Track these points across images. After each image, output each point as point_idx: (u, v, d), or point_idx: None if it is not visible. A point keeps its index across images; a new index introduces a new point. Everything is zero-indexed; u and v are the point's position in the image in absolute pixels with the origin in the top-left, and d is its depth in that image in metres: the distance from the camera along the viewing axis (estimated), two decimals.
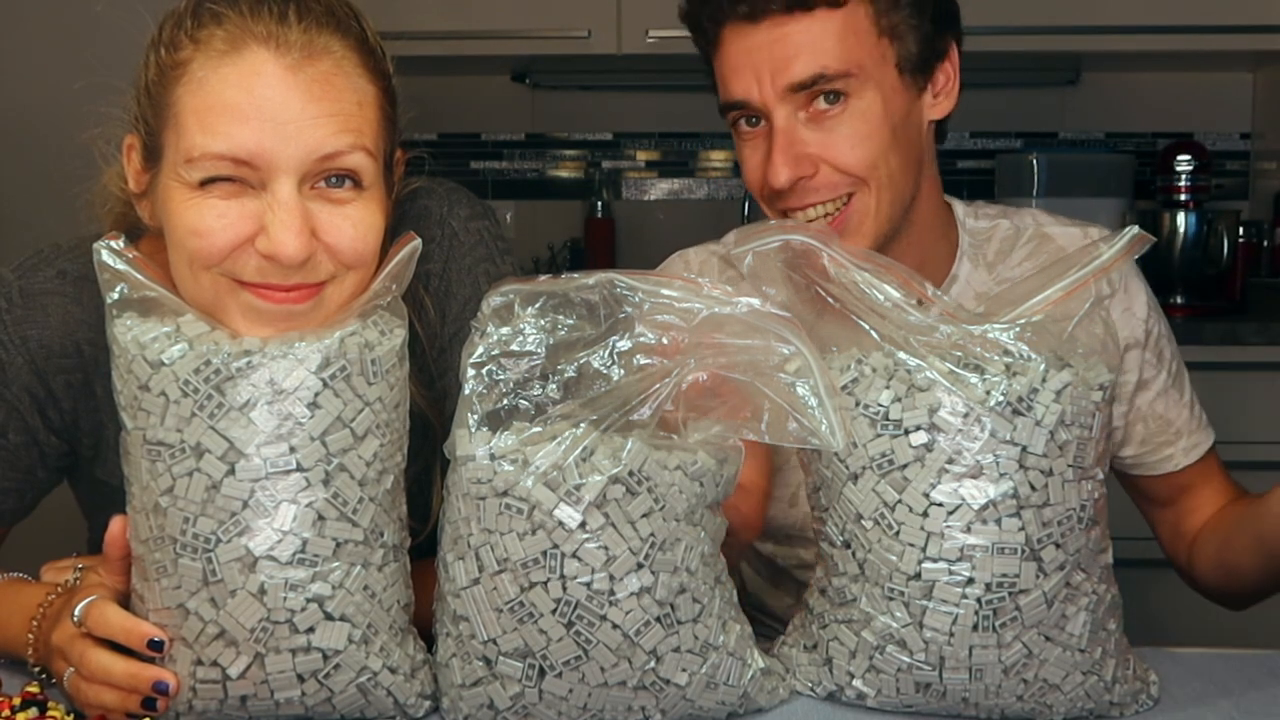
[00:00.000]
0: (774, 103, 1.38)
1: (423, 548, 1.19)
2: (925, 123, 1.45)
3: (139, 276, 1.11)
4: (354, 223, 1.15)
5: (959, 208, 1.55)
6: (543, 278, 1.12)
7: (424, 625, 1.15)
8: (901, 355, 1.12)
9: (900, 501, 1.10)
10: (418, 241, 1.15)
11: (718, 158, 3.55)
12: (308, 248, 1.12)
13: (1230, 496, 1.55)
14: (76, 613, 1.12)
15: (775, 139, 1.39)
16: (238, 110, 1.11)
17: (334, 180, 1.14)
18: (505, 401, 1.10)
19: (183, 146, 1.13)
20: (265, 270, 1.13)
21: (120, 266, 1.11)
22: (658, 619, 1.08)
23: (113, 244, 1.11)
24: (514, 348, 1.10)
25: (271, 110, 1.11)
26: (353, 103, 1.15)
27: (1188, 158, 3.12)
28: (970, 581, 1.09)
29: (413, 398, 1.17)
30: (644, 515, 1.08)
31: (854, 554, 1.13)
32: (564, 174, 3.57)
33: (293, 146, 1.11)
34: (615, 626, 1.07)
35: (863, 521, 1.12)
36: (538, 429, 1.08)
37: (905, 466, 1.11)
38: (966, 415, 1.10)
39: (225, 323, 1.14)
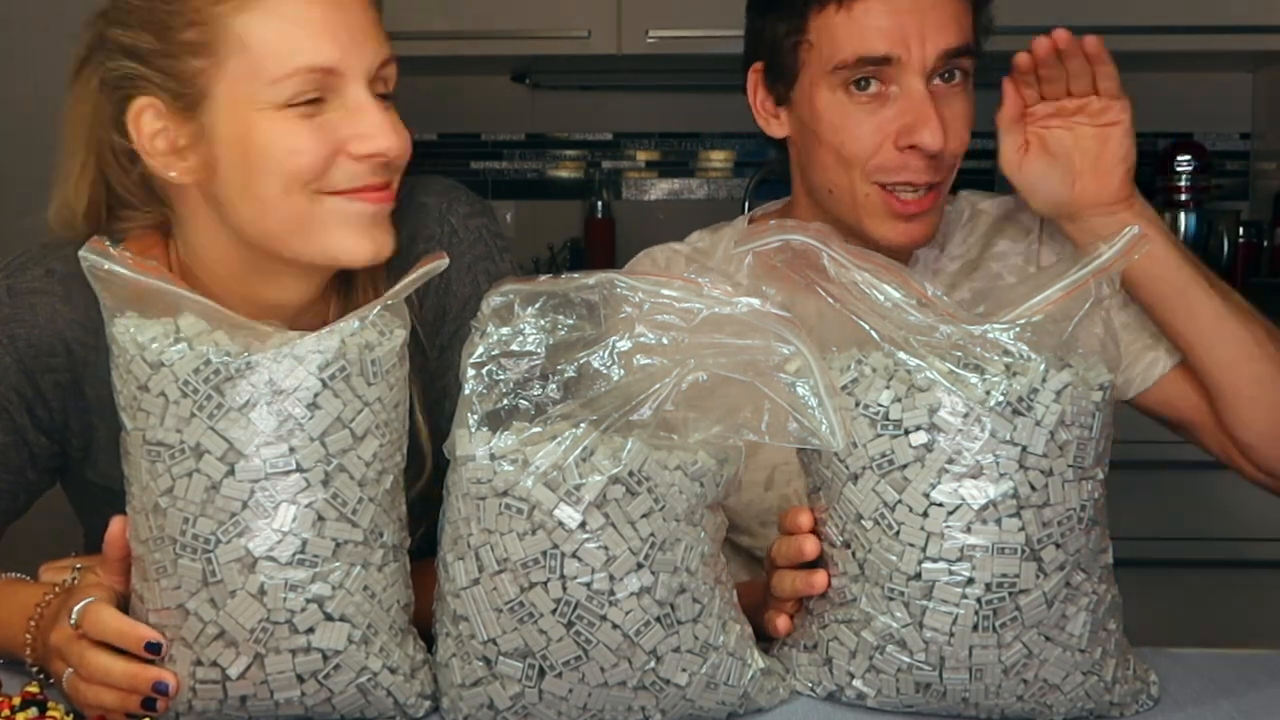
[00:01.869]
0: (921, 64, 1.41)
1: (422, 548, 1.19)
2: None
3: (133, 274, 1.10)
4: (401, 125, 1.22)
5: None
6: (543, 278, 1.12)
7: (424, 625, 1.15)
8: (901, 355, 1.12)
9: (900, 501, 1.10)
10: (444, 262, 1.15)
11: (718, 158, 3.55)
12: (405, 140, 1.20)
13: None
14: (73, 615, 1.12)
15: (923, 102, 1.40)
16: (317, 24, 1.17)
17: (378, 94, 1.21)
18: (505, 401, 1.10)
19: (265, 70, 1.16)
20: (360, 174, 1.19)
21: (110, 267, 1.10)
22: (658, 619, 1.08)
23: (98, 248, 1.11)
24: (514, 348, 1.10)
25: (343, 20, 1.18)
26: (378, 16, 1.23)
27: (1188, 158, 3.12)
28: (970, 581, 1.09)
29: (413, 415, 1.17)
30: (644, 515, 1.08)
31: (854, 554, 1.13)
32: (564, 174, 3.58)
33: (364, 50, 1.19)
34: (615, 626, 1.07)
35: (863, 521, 1.12)
36: (538, 429, 1.08)
37: (905, 466, 1.11)
38: (966, 415, 1.10)
39: (316, 240, 1.19)
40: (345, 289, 1.31)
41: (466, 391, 1.10)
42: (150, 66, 1.19)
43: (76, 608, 1.12)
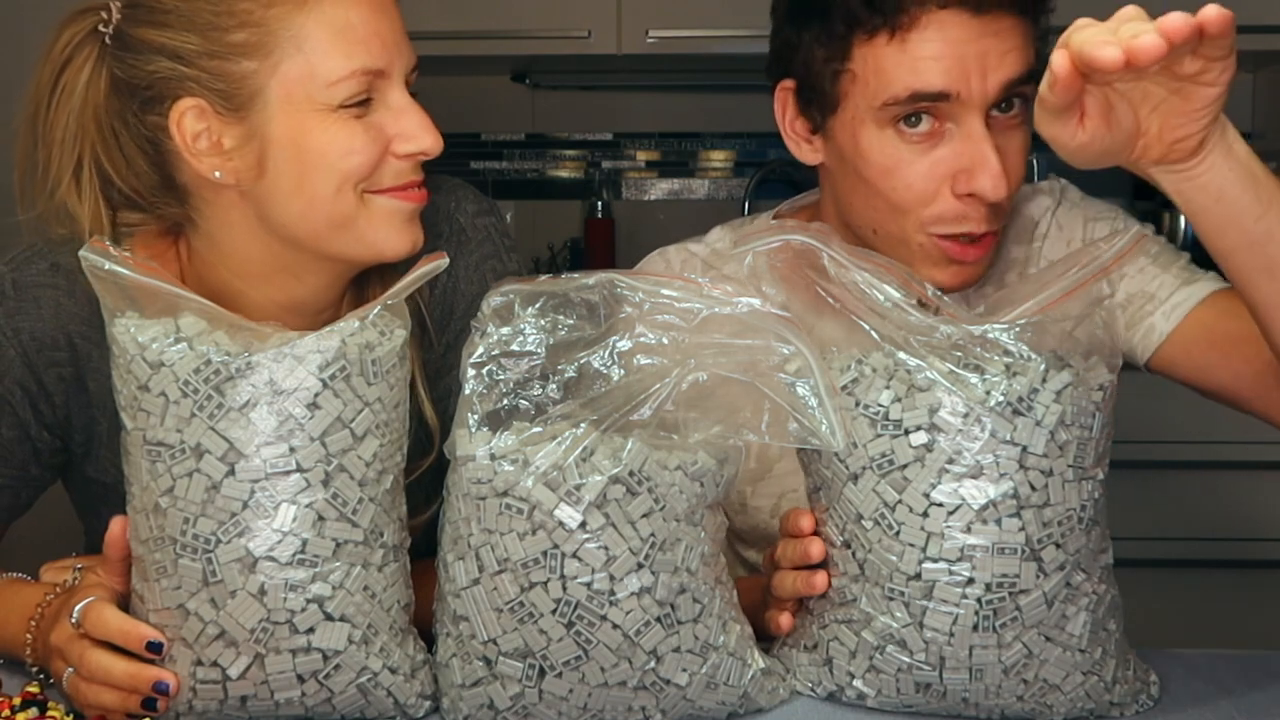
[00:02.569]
0: (982, 99, 1.28)
1: (422, 548, 1.19)
2: None
3: (133, 274, 1.10)
4: (434, 124, 1.25)
5: None
6: (543, 278, 1.12)
7: (424, 625, 1.15)
8: (901, 355, 1.12)
9: (900, 502, 1.10)
10: (444, 261, 1.15)
11: (718, 158, 3.55)
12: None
13: None
14: (75, 614, 1.12)
15: (983, 144, 1.28)
16: (366, 27, 1.20)
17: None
18: (505, 401, 1.10)
19: (322, 72, 1.18)
20: (404, 172, 1.23)
21: (110, 267, 1.10)
22: (658, 619, 1.08)
23: (98, 248, 1.11)
24: (514, 348, 1.10)
25: (386, 23, 1.22)
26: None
27: None
28: (970, 582, 1.09)
29: (420, 404, 1.17)
30: (644, 515, 1.08)
31: (854, 554, 1.13)
32: (564, 174, 3.58)
33: (402, 54, 1.23)
34: (615, 626, 1.07)
35: (863, 522, 1.12)
36: (538, 429, 1.09)
37: (905, 467, 1.11)
38: (966, 415, 1.10)
39: (362, 237, 1.22)
40: (357, 288, 1.32)
41: (467, 391, 1.10)
42: (195, 68, 1.19)
43: (78, 607, 1.12)
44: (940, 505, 1.10)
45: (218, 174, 1.21)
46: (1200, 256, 1.30)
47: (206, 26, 1.18)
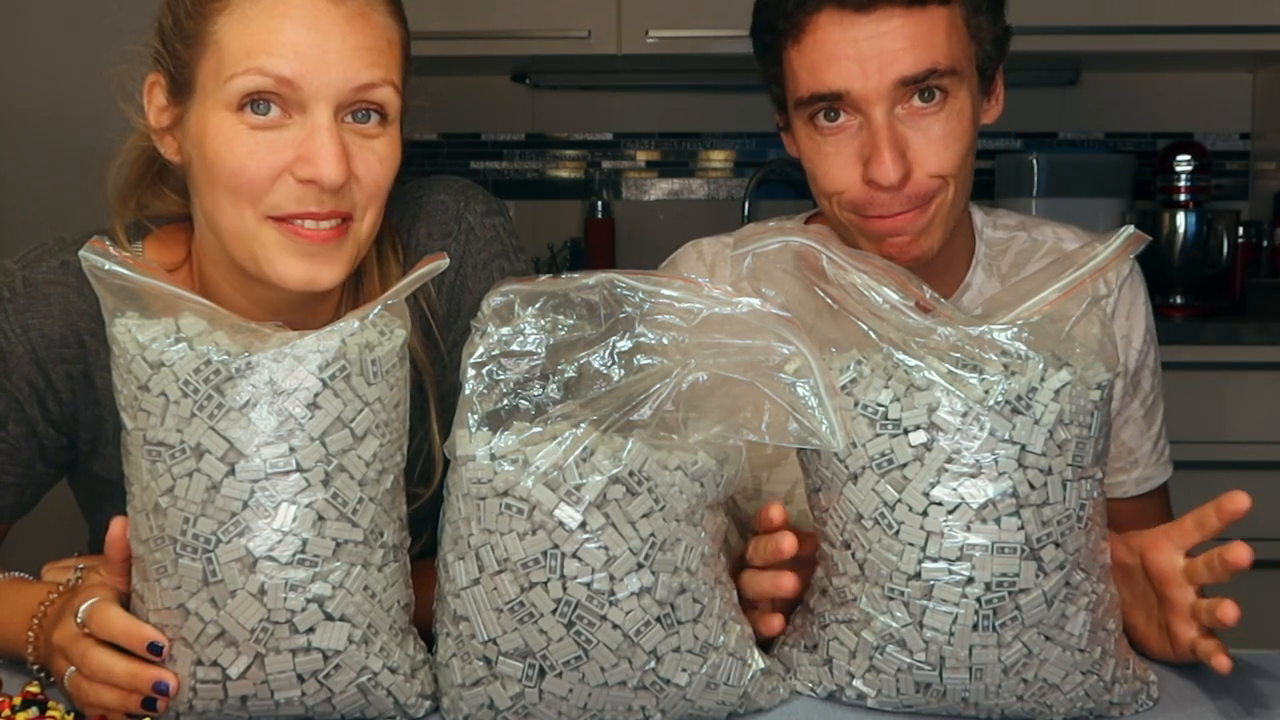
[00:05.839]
0: (877, 97, 1.34)
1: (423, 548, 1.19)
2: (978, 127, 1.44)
3: (133, 274, 1.10)
4: (380, 157, 1.22)
5: (978, 216, 1.56)
6: (543, 278, 1.12)
7: (424, 625, 1.16)
8: (900, 355, 1.12)
9: (900, 501, 1.11)
10: (444, 262, 1.15)
11: (718, 158, 3.55)
12: (346, 172, 1.19)
13: None
14: (80, 613, 1.12)
15: (879, 135, 1.35)
16: (283, 35, 1.18)
17: (361, 115, 1.21)
18: (505, 401, 1.10)
19: (225, 68, 1.18)
20: (304, 198, 1.19)
21: (109, 267, 1.10)
22: (658, 619, 1.08)
23: (98, 248, 1.11)
24: (514, 348, 1.10)
25: (315, 38, 1.18)
26: (384, 39, 1.22)
27: (1188, 158, 3.12)
28: (970, 581, 1.09)
29: (415, 359, 1.18)
30: (644, 515, 1.08)
31: (854, 554, 1.13)
32: (564, 174, 3.58)
33: (333, 73, 1.18)
34: (615, 626, 1.07)
35: (863, 521, 1.12)
36: (538, 429, 1.09)
37: (905, 466, 1.11)
38: (965, 414, 1.10)
39: (260, 257, 1.21)
40: (355, 288, 1.32)
41: (467, 391, 1.10)
42: (164, 45, 1.24)
43: (83, 606, 1.12)
44: (940, 504, 1.10)
45: (168, 154, 1.25)
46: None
47: (175, 7, 1.22)
